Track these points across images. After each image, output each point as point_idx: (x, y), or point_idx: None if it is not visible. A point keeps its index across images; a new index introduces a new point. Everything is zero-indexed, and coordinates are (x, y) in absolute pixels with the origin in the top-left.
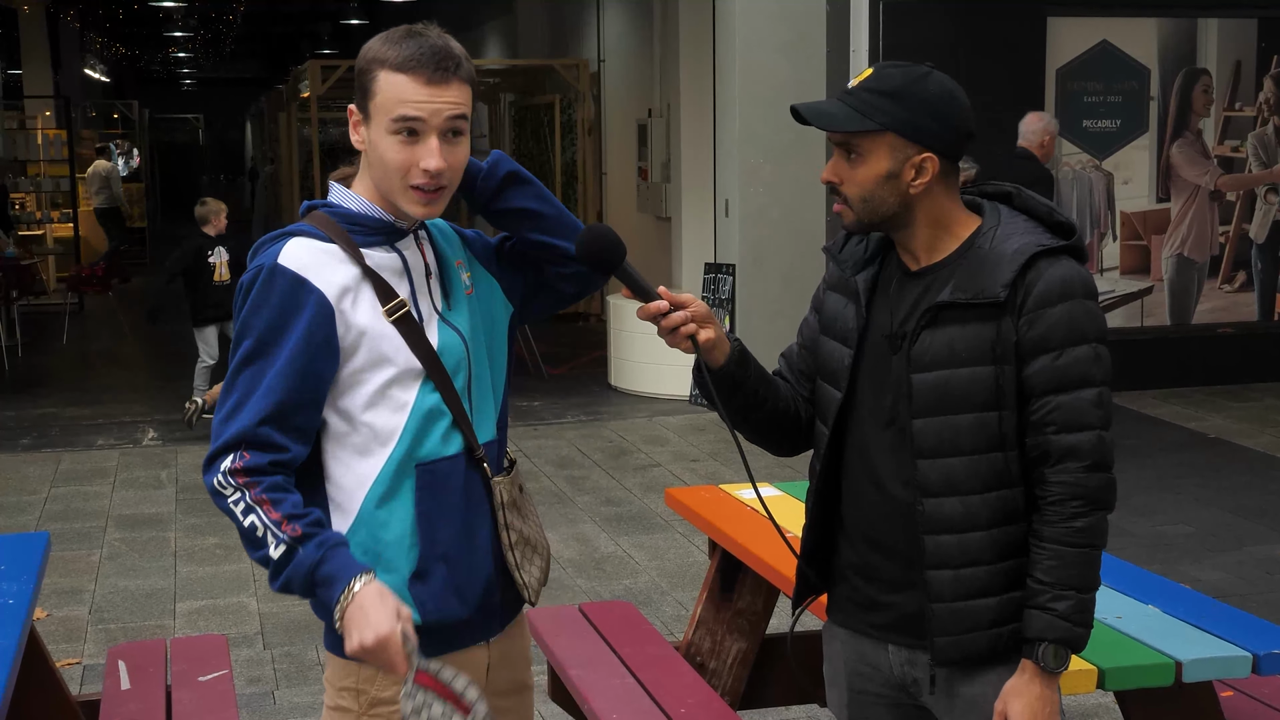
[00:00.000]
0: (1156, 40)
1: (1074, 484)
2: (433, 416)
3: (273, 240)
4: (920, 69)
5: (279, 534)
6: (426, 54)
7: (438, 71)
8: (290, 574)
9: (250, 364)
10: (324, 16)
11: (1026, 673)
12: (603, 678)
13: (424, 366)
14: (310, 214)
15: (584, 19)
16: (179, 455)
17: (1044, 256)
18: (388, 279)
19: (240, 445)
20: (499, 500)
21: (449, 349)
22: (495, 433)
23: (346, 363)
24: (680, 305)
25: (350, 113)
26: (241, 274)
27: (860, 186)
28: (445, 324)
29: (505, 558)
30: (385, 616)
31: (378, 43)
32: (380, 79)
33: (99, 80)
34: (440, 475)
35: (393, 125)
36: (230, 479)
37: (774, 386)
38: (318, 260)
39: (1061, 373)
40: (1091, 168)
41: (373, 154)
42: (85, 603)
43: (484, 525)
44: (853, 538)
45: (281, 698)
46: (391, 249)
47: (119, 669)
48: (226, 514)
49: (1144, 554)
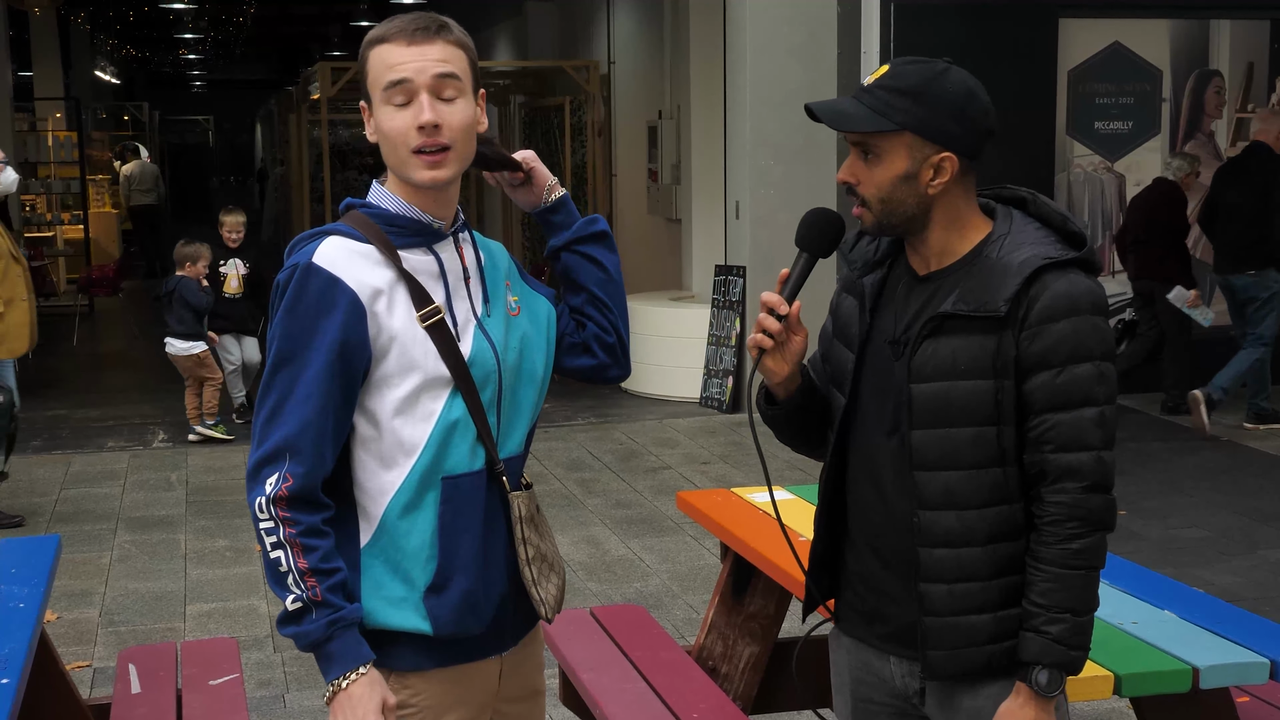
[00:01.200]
0: (1168, 41)
1: (1072, 505)
2: (458, 429)
3: (309, 239)
4: (938, 65)
5: (300, 586)
6: (407, 20)
7: (418, 32)
8: (296, 634)
9: (287, 365)
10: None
11: (1021, 696)
12: (614, 682)
13: (452, 376)
14: (349, 214)
15: (594, 21)
16: (189, 457)
17: (1051, 270)
18: (424, 282)
19: (284, 454)
20: (517, 514)
21: (480, 360)
22: (520, 449)
23: (377, 366)
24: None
25: (363, 110)
26: (258, 288)
27: (878, 187)
28: (481, 332)
29: (522, 573)
30: (371, 712)
31: (373, 31)
32: (370, 57)
33: (109, 82)
34: (464, 490)
35: (384, 95)
36: (271, 509)
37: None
38: (352, 261)
39: (1062, 390)
40: (1103, 169)
41: (380, 138)
42: (95, 605)
43: (500, 541)
44: (857, 546)
45: (292, 701)
46: (428, 251)
47: (129, 672)
48: (256, 531)
49: (1156, 558)
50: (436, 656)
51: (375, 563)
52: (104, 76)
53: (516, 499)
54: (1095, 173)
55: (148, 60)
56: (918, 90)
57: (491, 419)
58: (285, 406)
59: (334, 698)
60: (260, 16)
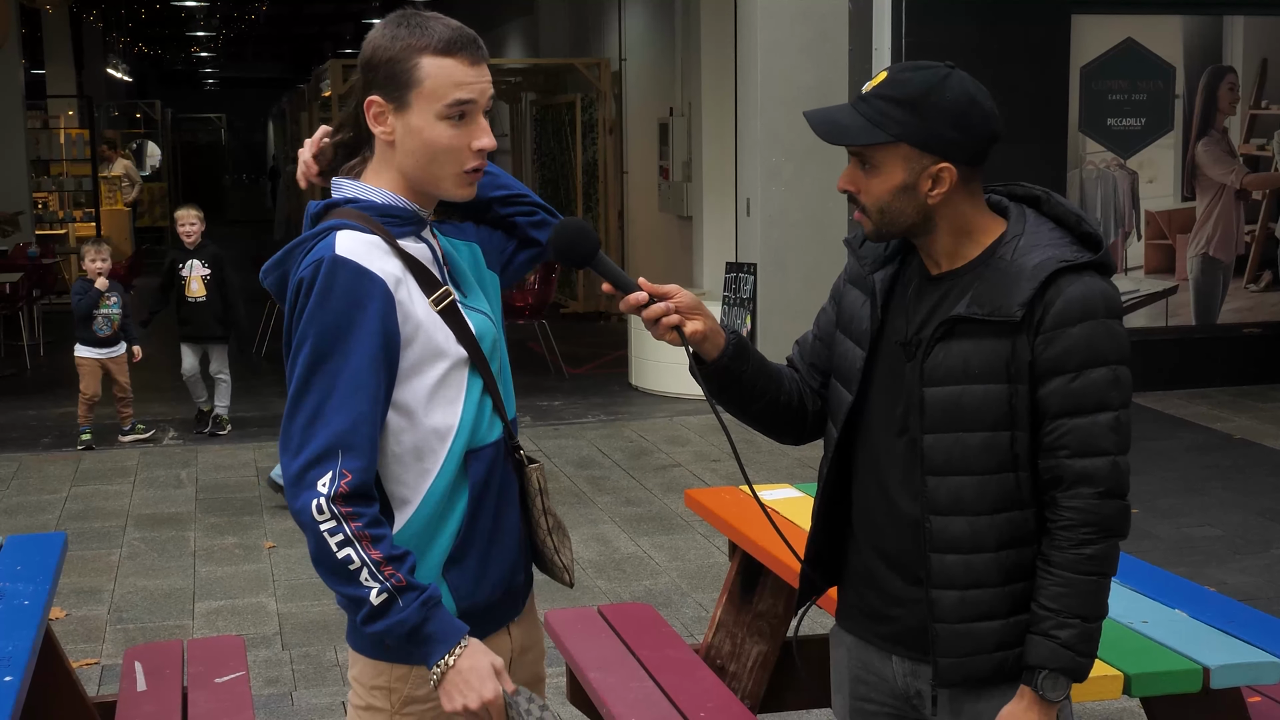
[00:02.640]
0: (1181, 38)
1: (1086, 510)
2: (481, 404)
3: (314, 238)
4: (939, 71)
5: (380, 577)
6: (462, 36)
7: (478, 51)
8: (390, 626)
9: (325, 361)
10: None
11: (1024, 700)
12: (621, 681)
13: (469, 354)
14: (335, 210)
15: (605, 18)
16: (199, 455)
17: (1066, 273)
18: (427, 268)
19: (336, 452)
20: (537, 487)
21: (484, 333)
22: (514, 411)
23: (405, 355)
24: (662, 296)
25: (371, 104)
26: (222, 288)
27: (876, 198)
28: (470, 309)
29: (544, 542)
30: (489, 682)
31: (399, 29)
32: (424, 65)
33: (122, 80)
34: (485, 461)
35: (446, 110)
36: (333, 508)
37: (775, 379)
38: (371, 251)
39: (1077, 395)
40: (1116, 166)
41: (412, 142)
42: (104, 602)
43: (512, 509)
44: (860, 545)
45: (300, 699)
46: (419, 239)
47: (135, 670)
48: (311, 536)
49: (1169, 557)
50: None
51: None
52: (116, 74)
53: (534, 472)
54: (1108, 170)
55: (160, 58)
56: (915, 100)
57: (501, 386)
58: (330, 403)
59: (443, 678)
60: (273, 14)
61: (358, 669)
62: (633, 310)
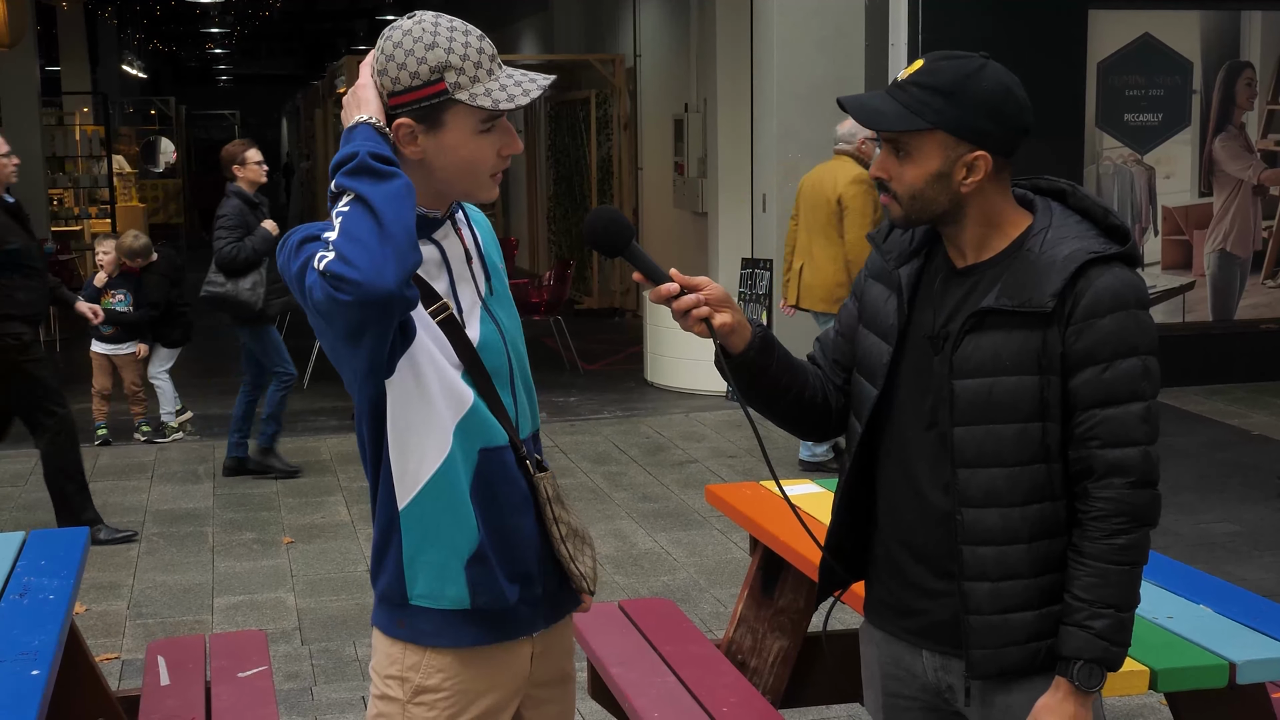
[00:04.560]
0: (1199, 33)
1: (1119, 500)
2: (478, 415)
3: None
4: (974, 61)
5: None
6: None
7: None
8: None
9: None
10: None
11: (1060, 691)
12: (643, 676)
13: (465, 366)
14: None
15: (620, 14)
16: (217, 450)
17: (1095, 264)
18: (427, 275)
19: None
20: (545, 495)
21: (490, 346)
22: (536, 426)
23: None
24: (693, 288)
25: (400, 127)
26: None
27: (909, 185)
28: (488, 314)
29: (559, 551)
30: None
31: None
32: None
33: (136, 77)
34: (495, 464)
35: (482, 125)
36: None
37: (800, 374)
38: None
39: (1109, 386)
40: (1133, 162)
41: (446, 159)
42: (124, 598)
43: (527, 520)
44: (886, 540)
45: (320, 694)
46: (428, 241)
47: (158, 664)
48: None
49: (1189, 553)
50: (472, 633)
51: (414, 526)
52: (131, 71)
53: (542, 480)
54: (1125, 165)
55: (175, 55)
56: (952, 88)
57: (508, 400)
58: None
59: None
60: (287, 11)
61: (376, 658)
62: (663, 301)
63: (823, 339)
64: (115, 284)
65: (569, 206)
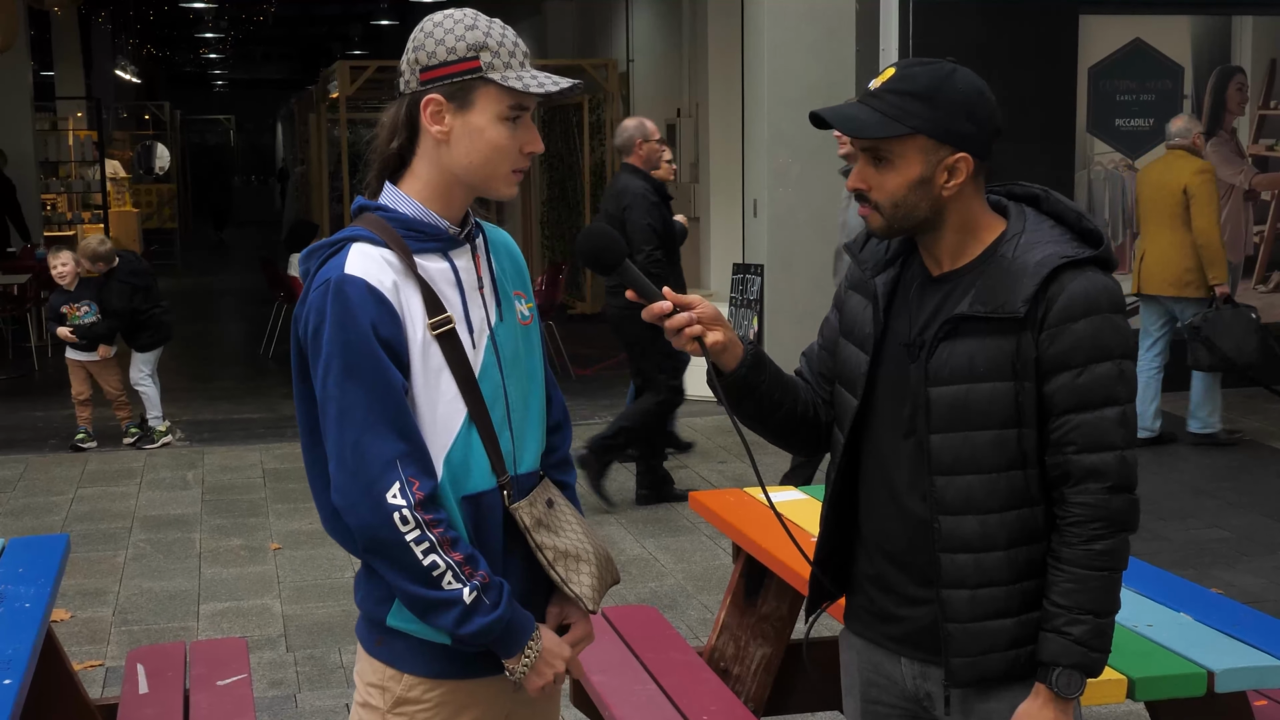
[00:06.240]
0: (1190, 38)
1: (1096, 505)
2: (472, 445)
3: (331, 248)
4: (945, 66)
5: (463, 578)
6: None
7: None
8: (487, 625)
9: (352, 378)
10: (355, 18)
11: (1040, 697)
12: (625, 684)
13: (460, 391)
14: (363, 216)
15: (613, 19)
16: (205, 456)
17: (1068, 269)
18: (439, 290)
19: (395, 464)
20: (523, 525)
21: (488, 374)
22: (536, 464)
23: (410, 369)
24: (685, 306)
25: (430, 102)
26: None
27: (891, 193)
28: (492, 343)
29: (550, 577)
30: (564, 648)
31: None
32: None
33: (131, 82)
34: (484, 508)
35: (509, 111)
36: (417, 515)
37: (792, 390)
38: (380, 267)
39: (1084, 391)
40: (1124, 167)
41: (470, 142)
42: (109, 604)
43: (521, 551)
44: (869, 548)
45: (304, 701)
46: (444, 257)
47: (137, 672)
48: (391, 549)
49: (1178, 559)
50: (450, 668)
51: None
52: (125, 76)
53: (518, 511)
54: (1116, 170)
55: (170, 60)
56: (929, 92)
57: (504, 436)
58: (373, 417)
59: (533, 663)
60: (281, 16)
61: (360, 664)
62: (656, 319)
63: (808, 353)
64: (78, 294)
65: (562, 211)
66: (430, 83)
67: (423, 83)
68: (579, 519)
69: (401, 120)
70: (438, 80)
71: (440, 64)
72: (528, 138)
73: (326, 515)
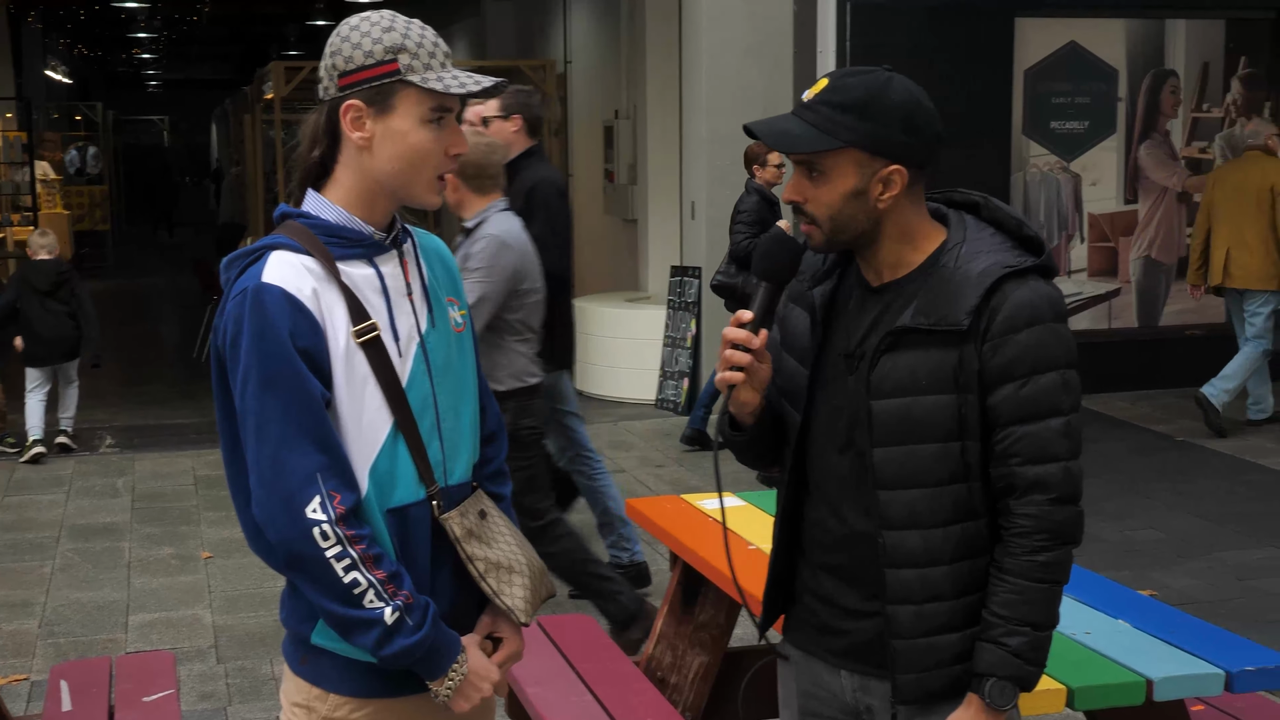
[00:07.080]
0: (1125, 41)
1: (1040, 517)
2: (398, 456)
3: (250, 257)
4: (880, 75)
5: (385, 597)
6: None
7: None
8: (409, 646)
9: (271, 389)
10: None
11: (971, 707)
12: (560, 695)
13: (386, 399)
14: (285, 223)
15: (551, 20)
16: (136, 463)
17: (1011, 279)
18: (364, 297)
19: (315, 477)
20: (453, 535)
21: (417, 382)
22: (468, 475)
23: (333, 379)
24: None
25: (350, 108)
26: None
27: (827, 206)
28: (422, 351)
29: (482, 589)
30: (492, 669)
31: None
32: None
33: (62, 82)
34: (411, 521)
35: (430, 114)
36: (337, 531)
37: (780, 426)
38: (299, 274)
39: (1027, 402)
40: (1059, 169)
41: (392, 147)
42: (35, 616)
43: (450, 563)
44: (810, 561)
45: (234, 714)
46: (369, 264)
47: (61, 689)
48: (310, 564)
49: (1114, 560)
50: (377, 686)
51: None
52: (57, 76)
53: (449, 522)
54: (1051, 172)
55: (103, 60)
56: (863, 104)
57: (434, 446)
58: (292, 429)
59: (458, 684)
60: (217, 16)
61: (286, 684)
62: (738, 338)
63: None
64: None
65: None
66: (349, 88)
67: (341, 88)
68: (513, 531)
69: (322, 128)
70: (356, 85)
71: (358, 68)
72: (452, 139)
73: (249, 530)
